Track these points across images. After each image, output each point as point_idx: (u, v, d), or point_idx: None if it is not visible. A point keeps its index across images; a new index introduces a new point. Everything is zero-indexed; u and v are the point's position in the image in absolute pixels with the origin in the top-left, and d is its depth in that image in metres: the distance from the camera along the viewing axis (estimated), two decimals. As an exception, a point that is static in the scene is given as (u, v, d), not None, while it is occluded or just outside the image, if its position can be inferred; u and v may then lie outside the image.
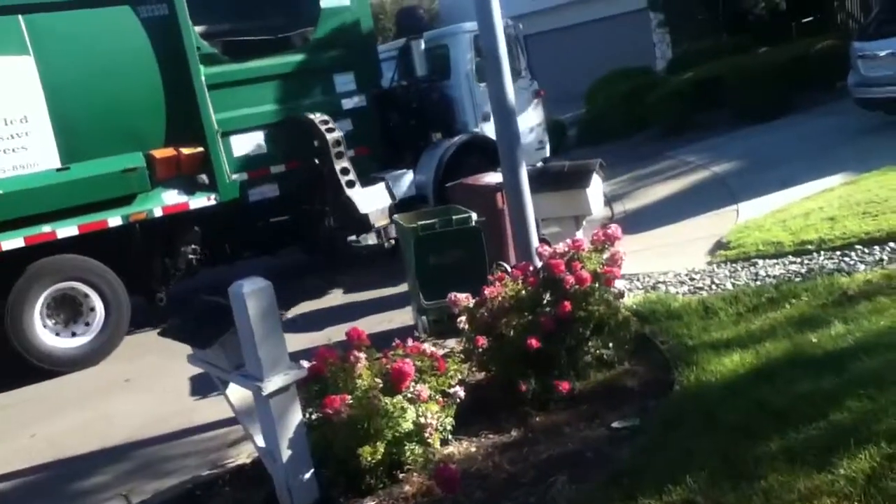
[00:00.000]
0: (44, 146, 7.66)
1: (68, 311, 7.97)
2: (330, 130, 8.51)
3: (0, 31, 7.40)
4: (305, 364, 4.05)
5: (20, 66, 7.53)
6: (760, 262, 6.51)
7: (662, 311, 5.67)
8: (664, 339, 5.20)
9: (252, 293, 3.70)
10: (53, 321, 7.88)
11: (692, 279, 6.51)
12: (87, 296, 7.96)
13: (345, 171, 8.37)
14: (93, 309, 7.99)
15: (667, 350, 5.02)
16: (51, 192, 7.62)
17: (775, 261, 6.45)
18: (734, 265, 6.63)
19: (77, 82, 7.78)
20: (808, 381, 4.00)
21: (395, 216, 7.10)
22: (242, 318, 3.72)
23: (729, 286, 6.11)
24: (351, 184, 8.37)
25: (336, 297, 8.84)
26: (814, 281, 5.62)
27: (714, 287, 6.20)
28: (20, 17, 7.48)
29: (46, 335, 7.77)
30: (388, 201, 8.78)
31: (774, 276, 6.07)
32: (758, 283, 6.01)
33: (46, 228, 7.62)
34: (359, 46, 9.79)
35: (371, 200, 8.64)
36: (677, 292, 6.26)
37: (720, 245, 7.29)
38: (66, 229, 7.71)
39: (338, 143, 8.47)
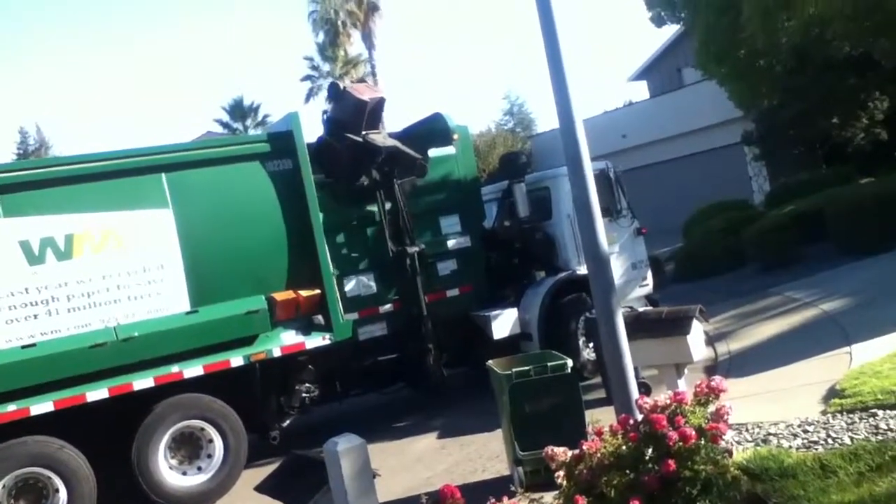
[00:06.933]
0: (176, 291, 8.10)
1: (189, 448, 8.08)
2: None
3: (146, 189, 8.08)
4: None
5: (160, 219, 8.12)
6: (880, 412, 6.05)
7: (775, 469, 5.29)
8: (778, 501, 4.84)
9: (346, 451, 3.70)
10: (175, 459, 7.98)
11: (806, 431, 6.10)
12: (208, 434, 8.07)
13: None
14: (213, 447, 8.08)
15: (782, 513, 4.67)
16: (180, 334, 7.95)
17: (897, 412, 6.00)
18: (851, 416, 6.19)
19: (209, 231, 8.30)
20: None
21: (489, 362, 7.04)
22: (336, 476, 3.70)
23: (847, 440, 5.69)
24: None
25: (430, 441, 8.72)
26: (943, 436, 5.19)
27: (830, 441, 5.78)
28: (163, 175, 8.16)
29: (168, 472, 7.85)
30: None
31: (898, 430, 5.63)
32: (879, 437, 5.57)
33: (175, 369, 7.88)
34: (463, 191, 10.18)
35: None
36: (790, 446, 5.86)
37: (834, 392, 6.86)
38: (193, 369, 7.96)
39: None
